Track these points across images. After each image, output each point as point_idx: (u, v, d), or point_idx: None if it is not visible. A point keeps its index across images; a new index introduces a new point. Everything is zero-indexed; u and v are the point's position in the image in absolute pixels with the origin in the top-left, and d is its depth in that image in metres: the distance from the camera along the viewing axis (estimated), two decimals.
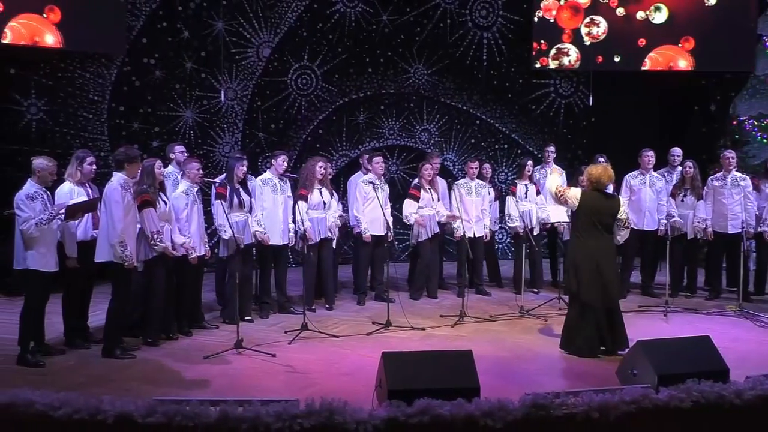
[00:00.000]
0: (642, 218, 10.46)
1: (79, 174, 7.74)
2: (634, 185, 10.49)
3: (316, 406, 4.21)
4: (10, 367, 7.11)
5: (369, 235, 9.86)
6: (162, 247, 7.76)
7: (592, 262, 7.75)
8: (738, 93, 13.32)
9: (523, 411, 4.38)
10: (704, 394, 4.68)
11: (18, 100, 10.81)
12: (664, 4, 13.06)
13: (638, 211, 10.42)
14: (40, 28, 10.52)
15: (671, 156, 10.74)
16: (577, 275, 7.82)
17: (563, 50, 13.25)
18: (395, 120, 13.39)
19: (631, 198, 10.44)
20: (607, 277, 7.81)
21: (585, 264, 7.78)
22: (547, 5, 13.28)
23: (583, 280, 7.77)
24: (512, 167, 13.80)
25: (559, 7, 13.26)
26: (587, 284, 7.75)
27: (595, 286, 7.74)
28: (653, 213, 10.45)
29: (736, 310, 9.63)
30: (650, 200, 10.45)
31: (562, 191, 8.03)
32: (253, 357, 7.56)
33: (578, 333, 7.80)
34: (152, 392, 6.16)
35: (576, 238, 7.96)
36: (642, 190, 10.47)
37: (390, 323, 8.74)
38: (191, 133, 12.01)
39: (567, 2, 13.26)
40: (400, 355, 6.13)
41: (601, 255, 7.80)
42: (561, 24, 13.26)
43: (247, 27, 12.26)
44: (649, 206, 10.46)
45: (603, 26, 13.17)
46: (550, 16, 13.26)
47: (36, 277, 7.18)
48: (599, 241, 7.83)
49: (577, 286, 7.81)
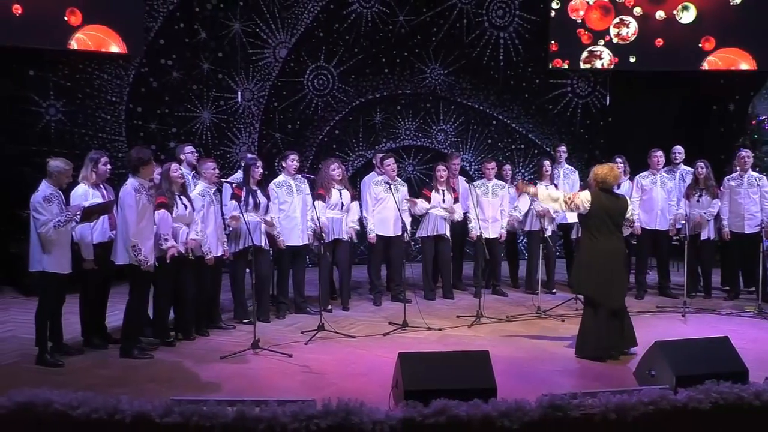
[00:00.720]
0: (654, 218, 10.43)
1: (94, 175, 7.74)
2: (645, 185, 10.45)
3: (332, 407, 4.21)
4: (29, 367, 7.17)
5: (374, 236, 9.86)
6: (166, 247, 7.72)
7: (606, 262, 7.73)
8: (757, 92, 13.23)
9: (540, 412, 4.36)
10: (723, 395, 4.65)
11: (37, 102, 10.90)
12: (692, 4, 12.97)
13: (650, 211, 10.41)
14: (105, 40, 10.75)
15: (673, 153, 10.62)
16: (590, 275, 7.80)
17: (596, 53, 13.17)
18: (411, 120, 13.38)
19: (643, 198, 10.40)
20: (617, 277, 7.81)
21: (598, 264, 7.75)
22: (575, 5, 13.19)
23: (596, 280, 7.74)
24: (529, 167, 13.77)
25: (588, 7, 13.17)
26: (601, 284, 7.72)
27: (607, 285, 7.72)
28: (665, 212, 10.41)
29: (755, 310, 9.57)
30: (662, 200, 10.42)
31: (571, 197, 8.00)
32: (270, 357, 7.57)
33: (593, 336, 7.76)
34: (169, 392, 6.17)
35: (588, 239, 7.92)
36: (653, 189, 10.43)
37: (406, 323, 8.73)
38: (208, 133, 12.06)
39: (596, 1, 13.18)
40: (416, 355, 6.12)
41: (613, 255, 7.79)
42: (591, 25, 13.18)
43: (263, 28, 12.29)
44: (662, 206, 10.42)
45: (633, 27, 13.10)
46: (578, 17, 13.16)
47: (52, 280, 7.21)
48: (611, 241, 7.81)
49: (591, 286, 7.80)
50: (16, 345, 7.87)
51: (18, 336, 8.17)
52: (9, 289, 10.32)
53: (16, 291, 10.21)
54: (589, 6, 13.23)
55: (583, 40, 13.24)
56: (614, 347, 7.76)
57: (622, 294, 7.93)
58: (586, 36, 13.22)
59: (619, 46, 13.24)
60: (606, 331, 7.71)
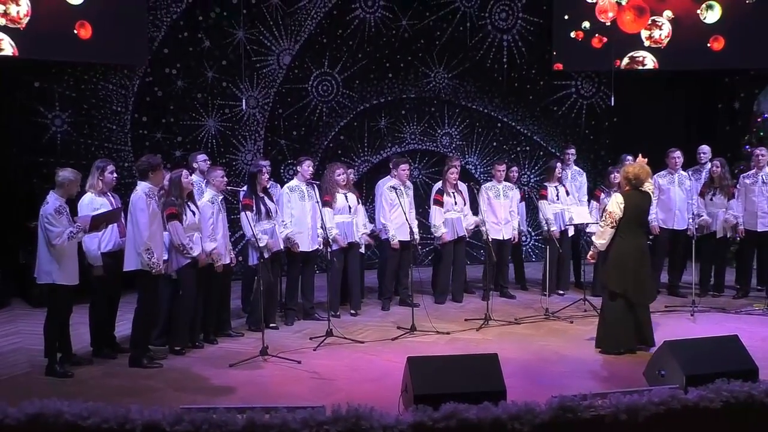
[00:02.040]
0: (672, 218, 10.43)
1: (101, 184, 7.77)
2: (662, 185, 10.44)
3: (342, 412, 4.21)
4: (39, 378, 7.18)
5: (397, 241, 9.85)
6: (194, 255, 7.81)
7: (635, 260, 7.85)
8: (762, 90, 13.20)
9: (551, 414, 4.36)
10: (734, 393, 4.64)
11: (42, 113, 10.92)
12: (716, 2, 12.88)
13: (668, 211, 10.41)
14: None
15: (699, 154, 10.68)
16: (621, 274, 7.85)
17: (637, 59, 13.11)
18: (416, 124, 13.38)
19: (660, 197, 10.39)
20: (645, 275, 7.97)
21: (629, 262, 7.85)
22: (603, 6, 13.02)
23: (628, 277, 7.83)
24: (534, 169, 13.76)
25: (620, 8, 12.99)
26: (632, 281, 7.83)
27: (637, 283, 7.84)
28: (683, 212, 10.41)
29: (764, 308, 9.55)
30: (680, 200, 10.41)
31: (606, 216, 8.00)
32: (279, 364, 7.58)
33: (615, 330, 7.87)
34: (179, 400, 6.19)
35: (619, 238, 7.93)
36: (671, 189, 10.43)
37: (415, 328, 8.73)
38: (214, 141, 12.07)
39: (629, 2, 13.01)
40: (425, 359, 6.13)
41: (641, 253, 7.94)
42: (623, 28, 12.97)
43: (267, 35, 12.30)
44: (680, 206, 10.42)
45: (666, 29, 12.97)
46: (607, 19, 13.05)
47: (63, 291, 7.24)
48: (640, 239, 8.01)
49: (622, 281, 7.84)
50: (25, 356, 7.88)
51: (27, 347, 8.19)
52: (17, 300, 10.33)
53: (24, 302, 10.22)
54: (621, 7, 12.96)
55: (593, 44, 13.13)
56: (632, 341, 7.92)
57: (653, 290, 8.19)
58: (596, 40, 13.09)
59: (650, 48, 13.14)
60: (626, 327, 7.87)
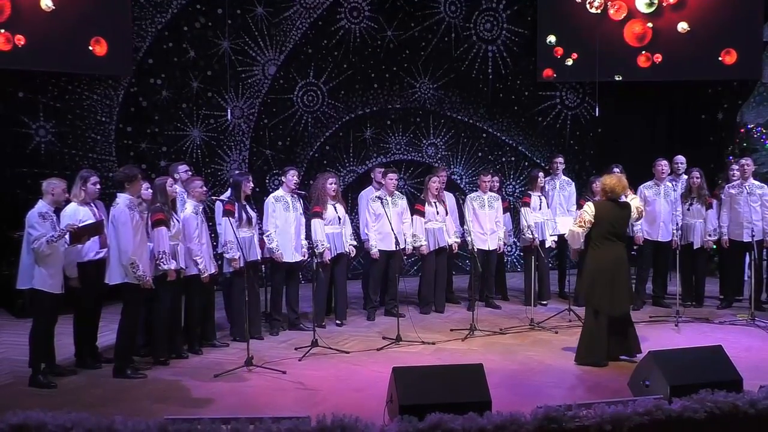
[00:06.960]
0: (657, 229, 10.39)
1: (83, 194, 7.73)
2: (648, 196, 10.39)
3: (327, 423, 4.21)
4: (23, 389, 7.13)
5: (377, 251, 9.86)
6: (165, 269, 7.77)
7: (608, 271, 7.87)
8: (745, 101, 13.30)
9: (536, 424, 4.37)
10: (718, 404, 4.67)
11: (27, 123, 10.87)
12: None
13: (653, 222, 10.37)
14: None
15: (675, 164, 10.66)
16: (594, 285, 7.89)
17: None
18: (402, 135, 13.40)
19: (646, 208, 10.36)
20: (621, 286, 7.96)
21: (602, 273, 7.87)
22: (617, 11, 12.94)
23: (600, 288, 7.86)
24: (519, 179, 13.80)
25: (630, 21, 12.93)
26: (605, 292, 7.84)
27: (610, 294, 7.85)
28: (668, 224, 10.35)
29: (748, 318, 9.59)
30: (665, 211, 10.37)
31: (579, 219, 8.09)
32: (264, 374, 7.55)
33: (597, 343, 7.86)
34: (164, 411, 6.16)
35: (591, 249, 8.01)
36: (656, 201, 10.39)
37: (400, 338, 8.72)
38: (198, 152, 12.05)
39: None
40: (410, 369, 6.13)
41: (616, 264, 7.92)
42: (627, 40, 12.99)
43: (252, 45, 12.31)
44: (664, 217, 10.37)
45: None
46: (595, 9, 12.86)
47: (44, 299, 7.21)
48: (613, 250, 7.95)
49: (596, 296, 7.89)
50: (8, 367, 7.82)
51: (10, 358, 8.12)
52: (1, 311, 10.26)
53: (7, 312, 10.15)
54: None
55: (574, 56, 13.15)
56: (614, 353, 7.92)
57: (626, 301, 8.09)
58: None
59: None
60: (607, 339, 7.86)
